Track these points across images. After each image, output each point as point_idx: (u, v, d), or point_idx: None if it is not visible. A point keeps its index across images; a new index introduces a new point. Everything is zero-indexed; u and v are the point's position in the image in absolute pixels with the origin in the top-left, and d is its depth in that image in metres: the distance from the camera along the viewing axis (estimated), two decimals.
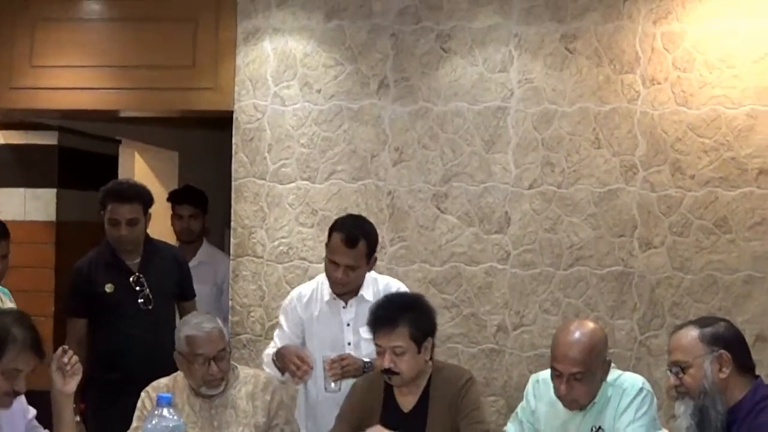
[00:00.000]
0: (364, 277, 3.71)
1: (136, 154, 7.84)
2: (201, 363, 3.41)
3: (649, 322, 4.45)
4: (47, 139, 5.67)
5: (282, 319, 3.84)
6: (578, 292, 4.47)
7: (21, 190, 5.63)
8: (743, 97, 4.39)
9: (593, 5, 4.48)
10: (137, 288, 4.21)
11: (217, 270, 5.20)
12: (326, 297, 3.74)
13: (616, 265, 4.47)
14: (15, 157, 5.65)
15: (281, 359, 3.62)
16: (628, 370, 3.58)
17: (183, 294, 4.43)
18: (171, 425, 2.90)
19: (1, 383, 2.87)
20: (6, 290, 4.25)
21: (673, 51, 4.44)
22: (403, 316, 3.33)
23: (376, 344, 3.37)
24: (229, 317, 4.63)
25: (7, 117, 5.39)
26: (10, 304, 4.06)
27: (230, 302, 4.65)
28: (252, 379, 3.56)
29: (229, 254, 4.84)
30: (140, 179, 7.86)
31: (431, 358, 3.45)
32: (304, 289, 3.84)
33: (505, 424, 3.66)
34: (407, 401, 3.43)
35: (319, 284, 3.80)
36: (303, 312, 3.77)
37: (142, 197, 4.26)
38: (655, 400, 3.34)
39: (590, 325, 3.34)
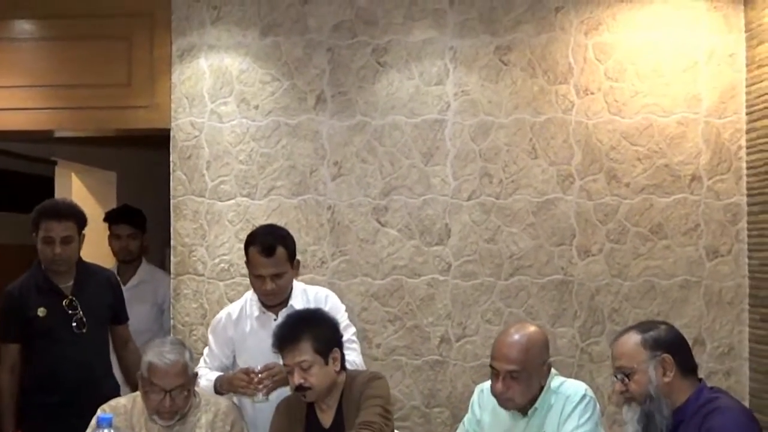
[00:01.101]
0: (291, 282, 3.73)
1: (73, 175, 7.73)
2: (156, 392, 3.33)
3: (590, 329, 4.50)
4: None
5: (211, 340, 3.85)
6: (519, 301, 4.51)
7: None
8: (674, 105, 4.49)
9: (526, 18, 4.54)
10: (70, 311, 4.12)
11: (158, 289, 5.15)
12: (256, 313, 3.75)
13: (555, 273, 4.52)
14: None
15: (226, 384, 3.61)
16: (571, 377, 3.62)
17: (116, 317, 4.34)
18: None
19: None
20: None
21: (605, 61, 4.51)
22: (304, 330, 3.37)
23: (284, 364, 3.40)
24: (171, 335, 4.57)
25: None
26: None
27: (172, 321, 4.60)
28: (213, 408, 3.48)
29: (169, 273, 4.79)
30: (78, 200, 7.74)
31: (342, 370, 3.46)
32: (233, 309, 3.85)
33: None
34: (326, 417, 3.46)
35: (247, 301, 3.81)
36: (234, 331, 3.77)
37: (76, 216, 4.19)
38: (598, 406, 3.38)
39: (530, 328, 3.39)
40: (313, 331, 3.38)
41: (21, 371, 4.12)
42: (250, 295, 3.80)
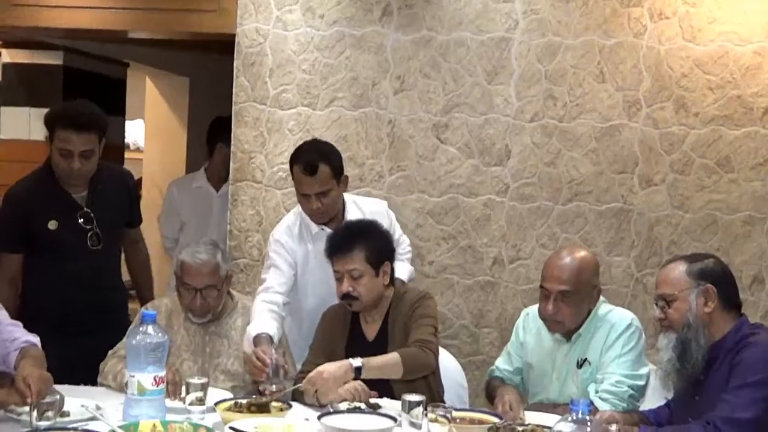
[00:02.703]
0: (340, 198, 3.69)
1: (147, 78, 7.82)
2: (188, 290, 3.42)
3: (647, 260, 4.43)
4: (52, 58, 5.67)
5: (274, 258, 3.66)
6: (576, 227, 4.45)
7: (25, 109, 5.65)
8: (752, 34, 4.31)
9: None
10: (85, 225, 3.80)
11: None
12: (314, 229, 3.70)
13: (615, 201, 4.43)
14: (20, 76, 5.66)
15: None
16: (624, 307, 3.59)
17: (129, 221, 4.12)
18: (155, 342, 2.92)
19: None
20: None
21: None
22: (358, 240, 3.39)
23: (334, 271, 3.41)
24: (227, 242, 4.63)
25: (10, 35, 5.37)
26: None
27: (228, 226, 4.65)
28: (249, 311, 3.54)
29: None
30: (150, 104, 7.89)
31: (391, 284, 3.47)
32: (290, 222, 3.74)
33: (498, 356, 3.69)
34: (371, 330, 3.48)
35: (301, 217, 3.71)
36: (297, 246, 3.70)
37: (98, 126, 3.76)
38: (644, 337, 3.35)
39: (582, 250, 3.39)
40: (367, 241, 3.40)
41: (22, 285, 3.82)
42: (301, 211, 3.72)
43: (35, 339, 3.13)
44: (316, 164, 3.55)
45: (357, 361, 3.15)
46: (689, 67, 4.35)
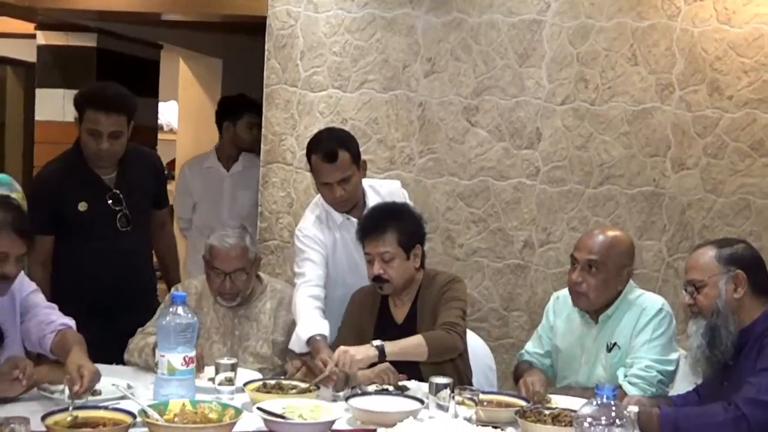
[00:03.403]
0: (360, 185, 3.65)
1: (181, 60, 7.85)
2: (217, 274, 3.43)
3: (678, 244, 4.40)
4: (86, 40, 5.71)
5: (307, 252, 3.59)
6: (607, 210, 4.43)
7: (60, 91, 5.70)
8: None
9: None
10: (114, 207, 3.82)
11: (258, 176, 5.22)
12: (339, 219, 3.66)
13: (647, 185, 4.40)
14: (54, 58, 5.71)
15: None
16: (654, 292, 3.58)
17: (157, 203, 4.13)
18: (184, 322, 2.95)
19: None
20: (6, 178, 4.00)
21: None
22: (390, 222, 3.37)
23: (365, 253, 3.40)
24: (258, 223, 4.66)
25: (45, 17, 5.42)
26: (6, 193, 3.94)
27: (259, 208, 4.67)
28: (278, 295, 3.57)
29: None
30: (183, 86, 7.93)
31: (422, 267, 3.46)
32: (315, 212, 3.69)
33: (527, 339, 3.69)
34: (400, 312, 3.48)
35: (325, 209, 3.67)
36: (326, 237, 3.65)
37: (127, 108, 3.77)
38: (674, 322, 3.34)
39: (619, 231, 3.39)
40: (399, 224, 3.39)
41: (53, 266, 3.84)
42: (323, 202, 3.67)
43: (71, 322, 3.19)
44: (336, 151, 3.50)
45: (377, 341, 3.14)
46: (723, 49, 4.30)
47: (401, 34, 4.49)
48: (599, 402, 2.11)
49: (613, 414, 2.08)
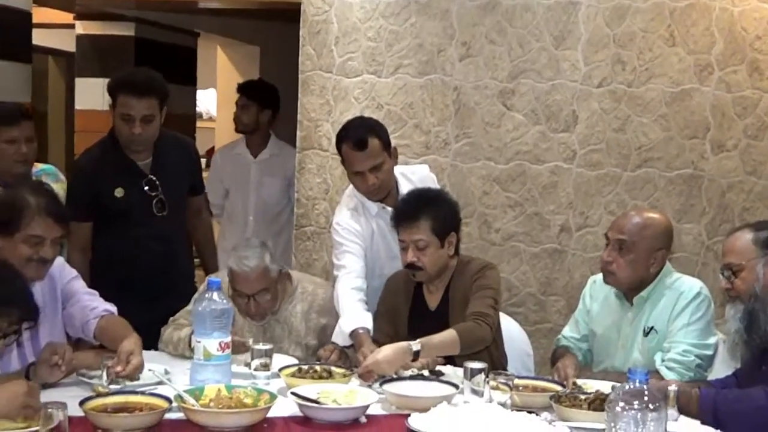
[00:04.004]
0: (392, 171, 3.64)
1: (218, 47, 7.90)
2: (241, 297, 3.37)
3: (718, 227, 4.34)
4: (124, 29, 5.76)
5: (347, 245, 3.58)
6: (645, 194, 4.38)
7: (99, 80, 5.76)
8: None
9: None
10: (150, 192, 3.86)
11: (287, 163, 5.25)
12: (374, 209, 3.65)
13: (685, 167, 4.35)
14: (93, 47, 5.77)
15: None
16: (694, 275, 3.55)
17: (193, 189, 4.17)
18: (220, 308, 2.97)
19: (24, 251, 2.98)
20: (51, 168, 4.18)
21: None
22: (425, 210, 3.35)
23: (399, 240, 3.39)
24: (294, 209, 4.68)
25: (84, 7, 5.48)
26: (53, 185, 3.97)
27: (296, 194, 4.68)
28: (309, 297, 3.51)
29: None
30: (221, 73, 7.98)
31: (456, 254, 3.45)
32: (350, 204, 3.68)
33: (565, 324, 3.67)
34: (433, 298, 3.47)
35: (359, 200, 3.66)
36: (364, 228, 3.64)
37: (158, 91, 3.80)
38: (712, 306, 3.30)
39: (655, 213, 3.38)
40: (434, 211, 3.37)
41: (92, 253, 3.89)
42: (357, 194, 3.66)
43: (113, 308, 3.25)
44: (366, 138, 3.50)
45: (416, 345, 3.09)
46: (764, 28, 4.24)
47: (436, 18, 4.46)
48: (632, 386, 2.09)
49: (646, 398, 2.06)
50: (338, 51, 4.55)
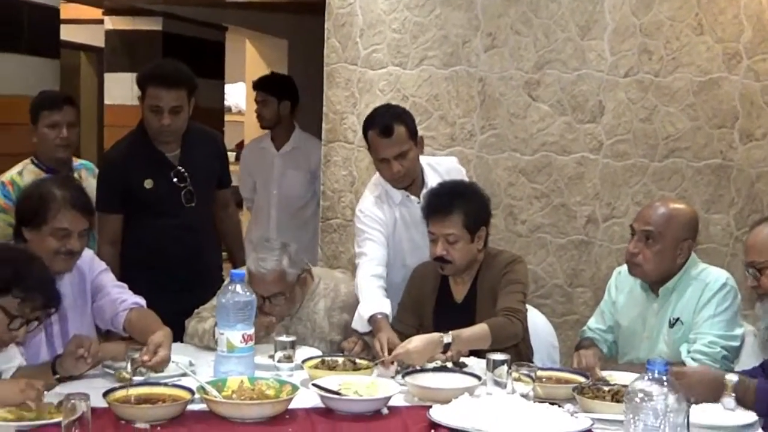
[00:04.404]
0: (417, 161, 3.63)
1: (247, 41, 7.93)
2: (258, 296, 3.31)
3: (747, 218, 4.29)
4: (152, 24, 5.80)
5: (369, 232, 3.59)
6: (673, 184, 4.34)
7: (127, 74, 5.80)
8: None
9: None
10: (179, 183, 3.90)
11: (310, 155, 5.26)
12: (398, 198, 3.65)
13: (714, 157, 4.31)
14: (122, 42, 5.82)
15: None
16: (723, 266, 3.51)
17: (220, 182, 4.19)
18: (243, 300, 2.99)
19: (51, 244, 3.03)
20: (90, 164, 4.28)
21: None
22: (458, 203, 3.32)
23: (429, 232, 3.37)
24: (320, 202, 4.69)
25: (112, 3, 5.51)
26: (91, 180, 4.09)
27: (321, 187, 4.69)
28: (331, 294, 3.50)
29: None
30: (250, 67, 8.01)
31: (485, 247, 3.43)
32: (374, 192, 3.68)
33: (592, 315, 3.65)
34: (459, 291, 3.46)
35: (384, 188, 3.66)
36: (387, 216, 3.64)
37: (187, 82, 3.86)
38: (739, 296, 3.26)
39: (681, 204, 3.33)
40: (466, 205, 3.36)
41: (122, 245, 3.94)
42: (382, 183, 3.67)
43: (142, 301, 3.28)
44: (392, 125, 3.50)
45: (447, 337, 3.09)
46: None
47: (461, 9, 4.44)
48: (651, 377, 2.08)
49: (665, 389, 2.05)
50: (363, 43, 4.55)
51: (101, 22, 5.97)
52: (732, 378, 2.67)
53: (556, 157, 4.42)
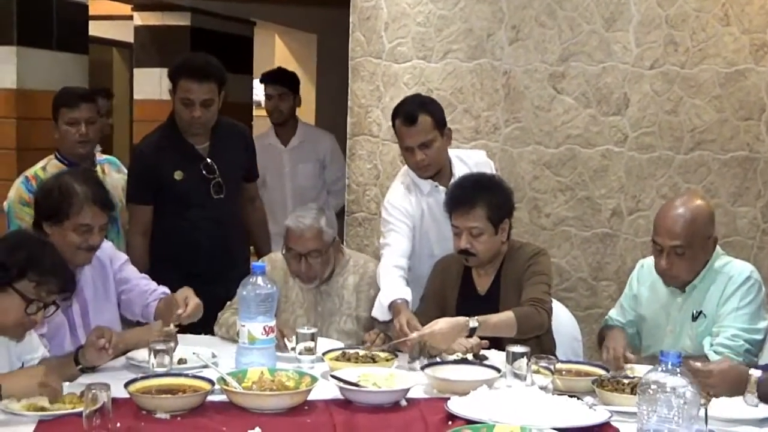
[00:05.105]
0: (445, 151, 3.64)
1: (276, 36, 7.96)
2: (293, 256, 3.43)
3: None
4: (180, 20, 5.84)
5: (397, 225, 3.59)
6: (699, 177, 4.31)
7: (156, 70, 5.86)
8: None
9: None
10: (208, 175, 3.96)
11: (318, 146, 5.30)
12: (426, 188, 3.65)
13: (740, 149, 4.27)
14: (150, 38, 5.87)
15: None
16: (749, 259, 3.49)
17: (247, 175, 4.25)
18: (264, 293, 3.01)
19: (73, 239, 3.08)
20: (114, 159, 4.34)
21: None
22: (481, 196, 3.32)
23: (453, 225, 3.38)
24: (345, 196, 4.70)
25: None
26: (115, 174, 4.17)
27: (347, 181, 4.71)
28: (360, 270, 3.56)
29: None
30: (279, 61, 8.03)
31: (508, 239, 3.43)
32: (404, 186, 3.68)
33: None
34: (483, 283, 3.46)
35: (412, 178, 3.66)
36: (414, 207, 3.64)
37: (217, 76, 3.92)
38: (763, 290, 3.24)
39: (695, 200, 3.27)
40: (489, 198, 3.36)
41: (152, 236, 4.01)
42: (409, 174, 3.68)
43: (167, 291, 3.35)
44: (416, 114, 3.53)
45: (473, 322, 3.11)
46: None
47: (485, 1, 4.44)
48: (664, 368, 2.07)
49: (678, 381, 2.04)
50: (388, 37, 4.55)
51: (130, 18, 6.03)
52: (756, 374, 2.65)
53: (581, 150, 4.40)
